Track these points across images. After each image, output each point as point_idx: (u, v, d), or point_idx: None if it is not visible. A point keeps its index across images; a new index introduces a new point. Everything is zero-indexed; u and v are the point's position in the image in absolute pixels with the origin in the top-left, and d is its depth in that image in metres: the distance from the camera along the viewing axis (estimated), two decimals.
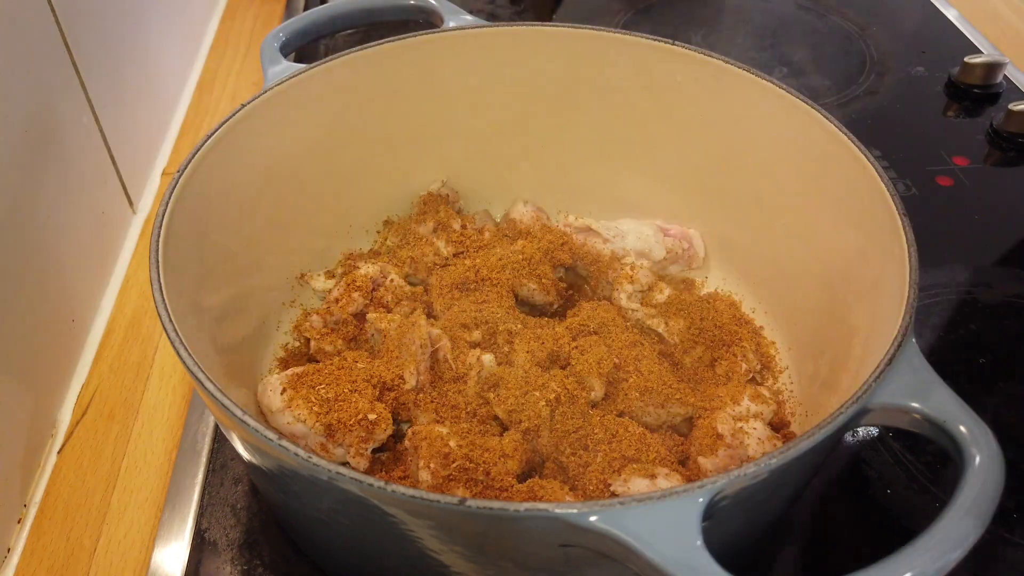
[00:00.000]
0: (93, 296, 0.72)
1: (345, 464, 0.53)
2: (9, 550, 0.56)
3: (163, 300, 0.45)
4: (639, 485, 0.48)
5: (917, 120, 0.91)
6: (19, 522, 0.58)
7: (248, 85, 0.98)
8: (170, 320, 0.44)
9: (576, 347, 0.58)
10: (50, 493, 0.59)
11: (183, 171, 0.53)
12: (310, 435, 0.53)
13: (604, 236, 0.69)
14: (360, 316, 0.63)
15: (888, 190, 0.51)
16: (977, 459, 0.38)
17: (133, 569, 0.55)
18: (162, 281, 0.46)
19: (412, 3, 0.72)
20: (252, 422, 0.39)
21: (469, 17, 0.69)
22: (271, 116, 0.60)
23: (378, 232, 0.73)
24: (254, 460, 0.44)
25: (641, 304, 0.64)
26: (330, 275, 0.68)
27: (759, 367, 0.62)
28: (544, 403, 0.53)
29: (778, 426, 0.57)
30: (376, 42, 0.65)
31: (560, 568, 0.40)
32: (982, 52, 0.99)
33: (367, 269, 0.65)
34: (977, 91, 0.93)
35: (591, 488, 0.50)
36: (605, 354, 0.57)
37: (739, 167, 0.65)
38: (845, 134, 0.55)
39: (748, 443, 0.53)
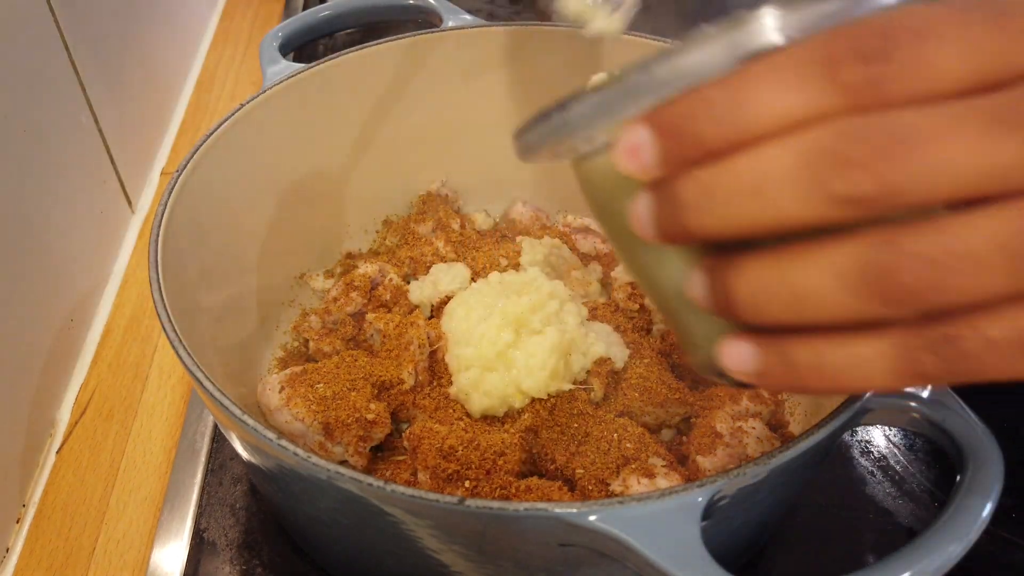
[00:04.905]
0: (92, 296, 0.71)
1: (344, 463, 0.53)
2: (8, 550, 0.56)
3: (162, 300, 0.45)
4: (638, 485, 0.48)
5: None
6: (18, 522, 0.58)
7: (247, 84, 0.98)
8: (169, 320, 0.44)
9: None
10: (49, 493, 0.59)
11: (182, 170, 0.53)
12: (308, 433, 0.53)
13: (603, 235, 0.69)
14: (358, 316, 0.63)
15: None
16: (977, 459, 0.38)
17: (132, 569, 0.55)
18: (161, 281, 0.46)
19: (411, 3, 0.72)
20: (251, 421, 0.39)
21: (468, 17, 0.69)
22: (270, 116, 0.60)
23: (377, 232, 0.72)
24: (253, 460, 0.44)
25: (640, 304, 0.64)
26: (329, 275, 0.68)
27: None
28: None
29: (777, 426, 0.57)
30: (375, 42, 0.65)
31: (559, 568, 0.40)
32: None
33: (365, 268, 0.64)
34: None
35: (590, 488, 0.50)
36: (605, 354, 0.57)
37: None
38: None
39: (747, 442, 0.53)
